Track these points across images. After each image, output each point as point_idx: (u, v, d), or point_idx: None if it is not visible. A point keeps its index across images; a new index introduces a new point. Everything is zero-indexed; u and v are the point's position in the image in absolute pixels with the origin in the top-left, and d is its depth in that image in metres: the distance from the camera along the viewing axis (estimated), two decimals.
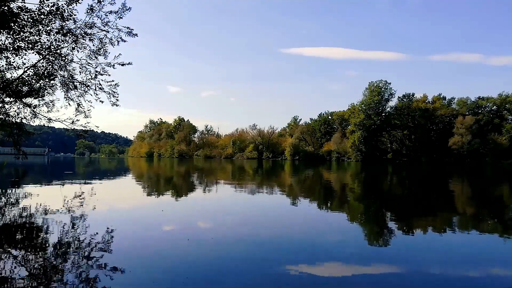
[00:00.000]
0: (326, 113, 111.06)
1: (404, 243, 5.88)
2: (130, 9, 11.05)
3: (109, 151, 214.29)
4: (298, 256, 4.97)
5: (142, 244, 5.52)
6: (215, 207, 9.84)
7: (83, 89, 11.87)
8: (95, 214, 7.88)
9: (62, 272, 4.10)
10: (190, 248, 5.36)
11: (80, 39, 11.09)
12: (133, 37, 11.50)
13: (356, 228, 7.30)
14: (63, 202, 9.73)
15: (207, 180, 20.39)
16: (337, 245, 5.74)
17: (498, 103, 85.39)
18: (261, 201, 11.22)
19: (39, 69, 11.19)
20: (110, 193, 13.34)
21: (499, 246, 5.81)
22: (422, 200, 12.10)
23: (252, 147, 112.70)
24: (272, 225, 7.35)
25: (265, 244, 5.71)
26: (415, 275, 4.31)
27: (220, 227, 7.00)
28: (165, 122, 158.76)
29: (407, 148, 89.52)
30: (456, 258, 5.07)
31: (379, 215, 8.87)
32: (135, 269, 4.30)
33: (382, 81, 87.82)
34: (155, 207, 9.72)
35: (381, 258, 4.98)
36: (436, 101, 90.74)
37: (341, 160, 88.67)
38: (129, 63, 11.77)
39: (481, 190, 16.46)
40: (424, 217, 8.52)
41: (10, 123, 11.64)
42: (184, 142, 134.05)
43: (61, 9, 10.25)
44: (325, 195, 13.20)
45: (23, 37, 10.27)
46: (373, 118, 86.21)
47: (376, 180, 22.80)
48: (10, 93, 10.97)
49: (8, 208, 8.50)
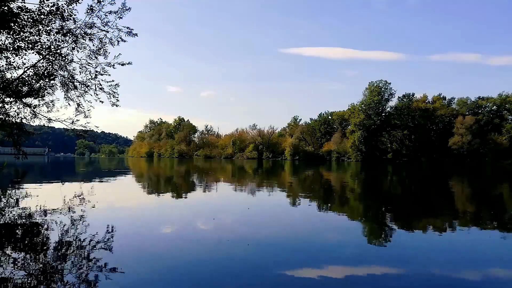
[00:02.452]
0: (326, 113, 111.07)
1: (404, 243, 5.88)
2: (130, 9, 11.04)
3: (109, 151, 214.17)
4: (298, 256, 4.97)
5: (142, 244, 5.52)
6: (215, 207, 9.85)
7: (83, 89, 11.86)
8: (95, 214, 7.89)
9: (62, 272, 4.10)
10: (190, 248, 5.36)
11: (80, 39, 11.08)
12: (133, 37, 11.50)
13: (356, 228, 7.30)
14: (63, 201, 9.74)
15: (207, 180, 20.40)
16: (337, 246, 5.74)
17: (498, 103, 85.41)
18: (261, 201, 11.21)
19: (39, 69, 11.18)
20: (110, 192, 13.34)
21: (499, 246, 5.81)
22: (422, 200, 12.10)
23: (252, 147, 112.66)
24: (272, 225, 7.35)
25: (265, 244, 5.71)
26: (415, 276, 4.31)
27: (220, 227, 7.00)
28: (165, 122, 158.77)
29: (407, 148, 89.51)
30: (456, 258, 5.07)
31: (379, 215, 8.86)
32: (135, 269, 4.30)
33: (382, 81, 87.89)
34: (155, 207, 9.73)
35: (381, 259, 4.98)
36: (436, 101, 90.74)
37: (341, 160, 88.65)
38: (129, 63, 11.77)
39: (481, 190, 16.46)
40: (424, 217, 8.52)
41: (10, 123, 11.62)
42: (184, 142, 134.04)
43: (61, 9, 10.24)
44: (325, 195, 13.20)
45: (23, 37, 10.26)
46: (373, 118, 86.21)
47: (376, 180, 22.80)
48: (10, 93, 10.96)
49: (8, 208, 8.50)
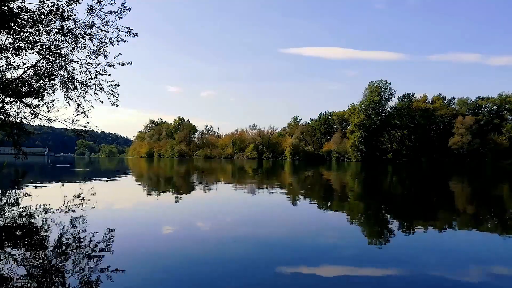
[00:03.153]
0: (326, 113, 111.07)
1: (404, 244, 5.88)
2: (130, 9, 11.06)
3: (109, 151, 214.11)
4: (298, 257, 4.97)
5: (142, 243, 5.52)
6: (215, 207, 9.85)
7: (83, 89, 11.88)
8: (95, 214, 7.88)
9: (62, 272, 4.10)
10: (190, 248, 5.36)
11: (80, 39, 11.10)
12: (133, 37, 11.52)
13: (356, 228, 7.29)
14: (63, 201, 9.74)
15: (207, 180, 20.39)
16: (337, 246, 5.74)
17: (498, 103, 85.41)
18: (261, 201, 11.22)
19: (39, 69, 11.19)
20: (110, 192, 13.34)
21: (499, 246, 5.81)
22: (422, 200, 12.09)
23: (252, 147, 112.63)
24: (272, 225, 7.35)
25: (265, 244, 5.71)
26: (415, 276, 4.30)
27: (220, 227, 7.00)
28: (165, 122, 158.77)
29: (407, 148, 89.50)
30: (457, 259, 5.07)
31: (379, 215, 8.86)
32: (135, 269, 4.30)
33: (382, 81, 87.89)
34: (155, 206, 9.72)
35: (381, 259, 4.97)
36: (436, 101, 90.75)
37: (341, 160, 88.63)
38: (129, 62, 11.79)
39: (481, 190, 16.46)
40: (424, 217, 8.52)
41: (10, 123, 11.62)
42: (184, 142, 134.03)
43: (61, 9, 10.25)
44: (325, 195, 13.20)
45: (23, 37, 10.26)
46: (373, 118, 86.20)
47: (376, 180, 22.80)
48: (10, 93, 10.97)
49: (8, 208, 8.50)
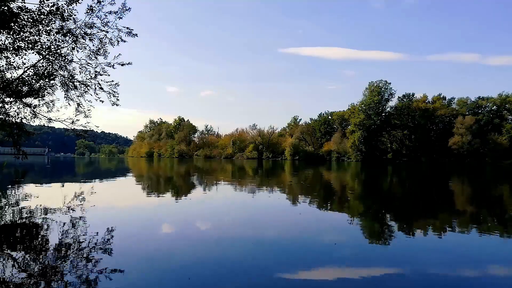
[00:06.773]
0: (326, 113, 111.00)
1: (404, 244, 5.87)
2: (130, 9, 11.05)
3: (109, 151, 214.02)
4: (298, 257, 4.97)
5: (142, 244, 5.52)
6: (215, 207, 9.84)
7: (83, 89, 11.87)
8: (95, 214, 7.89)
9: (61, 272, 4.10)
10: (190, 248, 5.36)
11: (80, 39, 11.09)
12: (133, 37, 11.51)
13: (356, 228, 7.29)
14: (63, 201, 9.74)
15: (207, 180, 20.39)
16: (337, 246, 5.74)
17: (498, 103, 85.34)
18: (261, 201, 11.21)
19: (39, 69, 11.18)
20: (110, 192, 13.34)
21: (499, 246, 5.81)
22: (422, 200, 12.09)
23: (252, 147, 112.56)
24: (272, 225, 7.35)
25: (265, 245, 5.71)
26: (415, 276, 4.31)
27: (220, 228, 7.00)
28: (165, 122, 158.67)
29: (407, 148, 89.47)
30: (457, 259, 5.07)
31: (379, 215, 8.86)
32: (135, 269, 4.31)
33: (382, 81, 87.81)
34: (155, 206, 9.72)
35: (381, 259, 4.98)
36: (436, 101, 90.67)
37: (341, 160, 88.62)
38: (129, 63, 11.79)
39: (481, 190, 16.46)
40: (424, 217, 8.52)
41: (10, 123, 11.62)
42: (184, 142, 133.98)
43: (61, 9, 10.25)
44: (325, 195, 13.20)
45: (23, 37, 10.26)
46: (373, 118, 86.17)
47: (376, 180, 22.79)
48: (10, 93, 10.97)
49: (8, 208, 8.50)
